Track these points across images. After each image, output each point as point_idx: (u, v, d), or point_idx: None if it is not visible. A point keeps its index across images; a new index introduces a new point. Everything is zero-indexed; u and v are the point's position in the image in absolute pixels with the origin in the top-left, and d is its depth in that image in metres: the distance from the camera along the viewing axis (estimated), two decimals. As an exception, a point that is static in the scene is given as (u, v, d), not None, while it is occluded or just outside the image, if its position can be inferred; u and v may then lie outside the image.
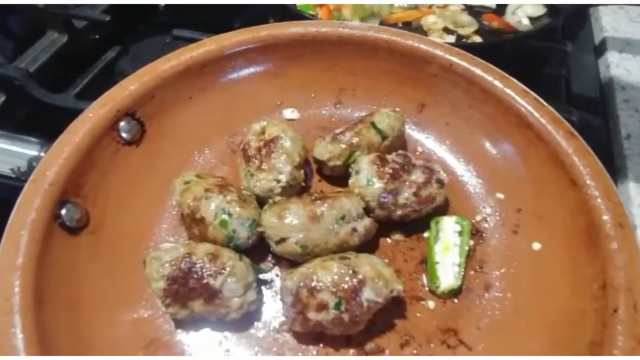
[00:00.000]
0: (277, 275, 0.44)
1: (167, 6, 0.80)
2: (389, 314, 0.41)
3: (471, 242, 0.45)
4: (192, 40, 0.65)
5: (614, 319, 0.32)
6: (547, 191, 0.43)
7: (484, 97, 0.48)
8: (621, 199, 0.38)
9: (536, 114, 0.44)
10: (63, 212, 0.40)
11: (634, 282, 0.33)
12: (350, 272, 0.37)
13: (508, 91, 0.46)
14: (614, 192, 0.38)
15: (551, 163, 0.43)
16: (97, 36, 0.78)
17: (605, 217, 0.37)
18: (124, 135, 0.47)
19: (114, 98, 0.46)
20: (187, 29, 0.72)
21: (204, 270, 0.38)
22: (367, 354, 0.39)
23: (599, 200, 0.38)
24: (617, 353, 0.31)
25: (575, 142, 0.42)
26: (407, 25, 0.72)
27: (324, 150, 0.47)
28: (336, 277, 0.37)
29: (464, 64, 0.49)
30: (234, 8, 0.83)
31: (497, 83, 0.47)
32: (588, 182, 0.39)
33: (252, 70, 0.54)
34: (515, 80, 0.47)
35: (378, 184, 0.43)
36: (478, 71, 0.48)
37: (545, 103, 0.46)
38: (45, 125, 0.53)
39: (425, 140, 0.53)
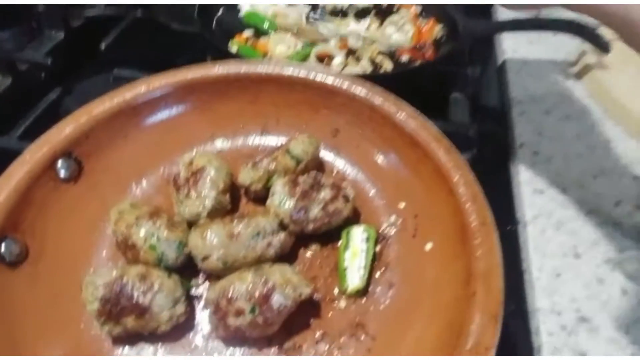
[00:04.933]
0: (207, 290, 0.50)
1: (108, 46, 0.85)
2: (306, 315, 0.47)
3: (378, 247, 0.53)
4: (132, 80, 0.71)
5: (473, 300, 0.40)
6: (435, 198, 0.51)
7: (383, 121, 0.56)
8: (486, 202, 0.46)
9: (423, 134, 0.52)
10: (2, 248, 0.44)
11: (490, 270, 0.41)
12: (263, 280, 0.43)
13: (400, 114, 0.54)
14: (480, 197, 0.46)
15: (436, 175, 0.51)
16: (42, 74, 0.81)
17: (472, 218, 0.45)
18: (61, 174, 0.51)
19: (51, 140, 0.51)
20: (129, 68, 0.77)
21: (134, 289, 0.43)
22: (286, 351, 0.45)
23: (468, 204, 0.46)
24: (474, 328, 0.38)
25: (451, 155, 0.50)
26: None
27: (246, 176, 0.54)
28: (250, 286, 0.43)
29: (364, 94, 0.57)
30: (175, 47, 0.90)
31: (392, 109, 0.55)
32: (461, 190, 0.47)
33: (183, 107, 0.60)
34: (406, 105, 0.56)
35: (290, 203, 0.49)
36: (376, 99, 0.56)
37: (430, 124, 0.54)
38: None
39: (339, 162, 0.60)
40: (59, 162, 0.51)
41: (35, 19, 0.90)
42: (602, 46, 0.72)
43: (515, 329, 0.52)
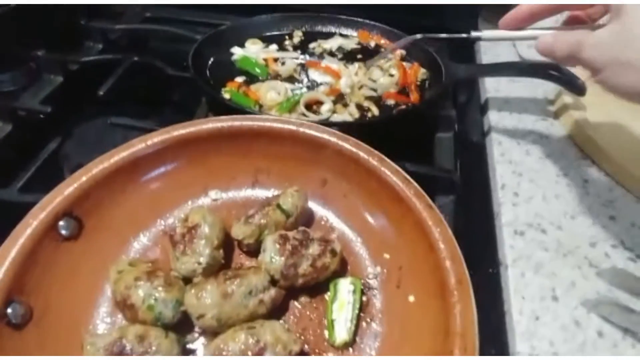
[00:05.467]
0: (203, 344, 0.52)
1: (106, 91, 0.87)
2: (296, 368, 0.50)
3: (364, 298, 0.55)
4: (128, 127, 0.75)
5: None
6: (417, 252, 0.54)
7: (367, 175, 0.59)
8: (463, 260, 0.49)
9: (405, 190, 0.56)
10: (9, 311, 0.47)
11: (466, 329, 0.44)
12: (255, 340, 0.46)
13: (384, 170, 0.58)
14: (458, 255, 0.49)
15: (417, 229, 0.53)
16: (41, 116, 0.84)
17: (450, 275, 0.48)
18: (63, 232, 0.54)
19: (52, 202, 0.54)
20: (125, 115, 0.79)
21: (133, 350, 0.45)
22: (277, 405, 0.48)
23: (447, 262, 0.49)
24: (451, 386, 0.41)
25: (432, 212, 0.53)
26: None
27: (239, 231, 0.57)
28: (243, 346, 0.45)
29: (350, 148, 0.60)
30: (171, 91, 0.93)
31: (376, 164, 0.58)
32: (440, 246, 0.50)
33: (177, 162, 0.63)
34: (389, 161, 0.59)
35: (280, 260, 0.52)
36: (361, 154, 0.59)
37: (410, 180, 0.57)
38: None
39: (327, 212, 0.63)
40: (61, 222, 0.54)
41: (34, 61, 0.93)
42: (578, 90, 0.76)
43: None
